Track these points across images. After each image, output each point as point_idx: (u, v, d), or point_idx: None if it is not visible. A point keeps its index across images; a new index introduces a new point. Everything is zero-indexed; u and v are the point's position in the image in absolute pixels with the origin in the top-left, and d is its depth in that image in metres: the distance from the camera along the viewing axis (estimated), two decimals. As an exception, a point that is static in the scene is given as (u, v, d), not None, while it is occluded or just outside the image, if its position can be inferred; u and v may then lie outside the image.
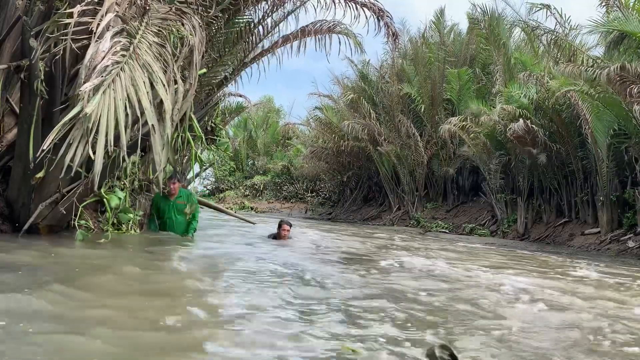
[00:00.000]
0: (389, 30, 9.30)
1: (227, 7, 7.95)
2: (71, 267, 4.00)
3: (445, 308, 3.88)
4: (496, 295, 4.59)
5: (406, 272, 6.00)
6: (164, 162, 4.23)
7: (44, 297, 2.87)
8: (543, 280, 5.80)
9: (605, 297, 4.88)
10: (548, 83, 13.53)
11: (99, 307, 2.90)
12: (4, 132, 5.97)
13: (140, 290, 3.46)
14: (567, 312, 4.00)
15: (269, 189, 31.93)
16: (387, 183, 22.06)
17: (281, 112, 37.41)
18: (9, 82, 5.85)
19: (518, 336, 3.12)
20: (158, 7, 4.57)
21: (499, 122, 15.02)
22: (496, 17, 17.65)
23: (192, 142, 7.18)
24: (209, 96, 9.63)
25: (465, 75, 19.25)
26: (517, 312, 3.90)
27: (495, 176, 16.61)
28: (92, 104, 3.16)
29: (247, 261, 5.66)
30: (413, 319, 3.38)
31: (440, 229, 17.96)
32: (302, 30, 9.59)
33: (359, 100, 22.01)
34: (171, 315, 2.87)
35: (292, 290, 3.98)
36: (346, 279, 4.99)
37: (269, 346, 2.50)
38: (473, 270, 6.34)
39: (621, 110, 11.52)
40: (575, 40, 13.80)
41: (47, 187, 5.68)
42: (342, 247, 8.84)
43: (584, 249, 12.46)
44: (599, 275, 6.75)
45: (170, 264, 4.98)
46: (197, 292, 3.68)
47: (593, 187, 13.39)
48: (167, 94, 3.85)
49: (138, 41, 3.84)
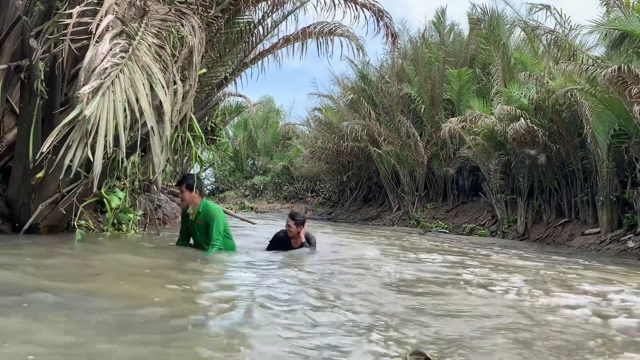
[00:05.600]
0: (388, 30, 9.31)
1: (227, 7, 7.95)
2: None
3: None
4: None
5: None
6: (163, 164, 4.24)
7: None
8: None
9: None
10: (548, 83, 13.53)
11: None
12: (4, 132, 5.98)
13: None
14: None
15: (269, 189, 31.95)
16: (387, 183, 22.06)
17: (281, 112, 37.46)
18: (9, 82, 5.86)
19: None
20: (157, 8, 4.58)
21: (498, 123, 15.02)
22: (496, 17, 17.65)
23: (192, 142, 7.19)
24: (209, 96, 9.65)
25: (465, 75, 19.26)
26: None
27: (495, 176, 16.62)
28: (91, 107, 3.17)
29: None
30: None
31: (440, 229, 17.98)
32: (302, 32, 9.60)
33: (358, 101, 22.02)
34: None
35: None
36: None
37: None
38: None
39: (622, 110, 11.52)
40: (575, 41, 13.80)
41: (47, 187, 5.69)
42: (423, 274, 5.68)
43: (584, 249, 12.46)
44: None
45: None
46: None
47: (593, 187, 13.39)
48: (166, 96, 3.86)
49: (137, 42, 3.85)
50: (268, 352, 2.40)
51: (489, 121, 15.32)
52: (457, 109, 19.41)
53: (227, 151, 25.20)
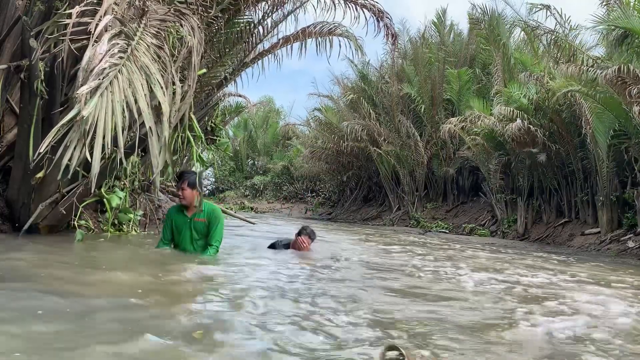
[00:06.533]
0: (388, 31, 9.31)
1: (227, 7, 7.96)
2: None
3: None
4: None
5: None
6: (161, 164, 4.24)
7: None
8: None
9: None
10: (548, 83, 13.53)
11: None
12: (4, 132, 6.00)
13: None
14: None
15: (269, 189, 31.97)
16: (387, 183, 22.07)
17: (281, 113, 37.48)
18: (9, 82, 5.88)
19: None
20: (157, 8, 4.59)
21: (497, 123, 15.02)
22: (496, 17, 17.66)
23: (193, 142, 7.19)
24: (209, 96, 9.64)
25: (465, 75, 19.26)
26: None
27: (495, 176, 16.62)
28: (89, 107, 3.18)
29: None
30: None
31: (440, 229, 17.98)
32: (302, 32, 9.60)
33: (358, 101, 22.03)
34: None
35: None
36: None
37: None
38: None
39: (621, 110, 11.52)
40: (575, 41, 13.80)
41: (47, 187, 5.70)
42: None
43: (584, 249, 12.46)
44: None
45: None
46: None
47: (593, 187, 13.39)
48: (164, 96, 3.87)
49: (136, 43, 3.86)
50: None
51: (488, 121, 15.33)
52: (457, 109, 19.42)
53: (227, 151, 25.21)
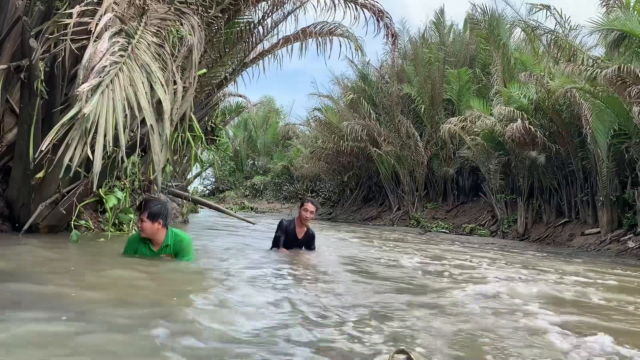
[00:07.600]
0: (388, 31, 9.30)
1: (227, 7, 7.95)
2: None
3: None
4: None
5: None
6: (162, 162, 4.24)
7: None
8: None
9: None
10: (548, 83, 13.53)
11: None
12: (4, 132, 5.99)
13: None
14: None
15: (269, 189, 31.98)
16: (387, 183, 22.07)
17: (281, 113, 37.51)
18: (9, 82, 5.87)
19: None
20: (157, 7, 4.59)
21: (497, 123, 15.02)
22: (496, 17, 17.66)
23: (192, 142, 7.19)
24: (209, 96, 9.63)
25: (465, 75, 19.27)
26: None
27: (495, 176, 16.62)
28: (90, 105, 3.17)
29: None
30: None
31: (440, 229, 17.97)
32: (302, 32, 9.59)
33: (358, 101, 22.04)
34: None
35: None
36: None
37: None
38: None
39: (621, 110, 11.52)
40: (575, 41, 13.80)
41: (47, 187, 5.70)
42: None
43: (584, 249, 12.45)
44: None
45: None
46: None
47: (593, 187, 13.38)
48: (165, 94, 3.87)
49: (136, 41, 3.85)
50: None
51: (488, 122, 15.33)
52: (457, 109, 19.42)
53: (227, 151, 25.21)
